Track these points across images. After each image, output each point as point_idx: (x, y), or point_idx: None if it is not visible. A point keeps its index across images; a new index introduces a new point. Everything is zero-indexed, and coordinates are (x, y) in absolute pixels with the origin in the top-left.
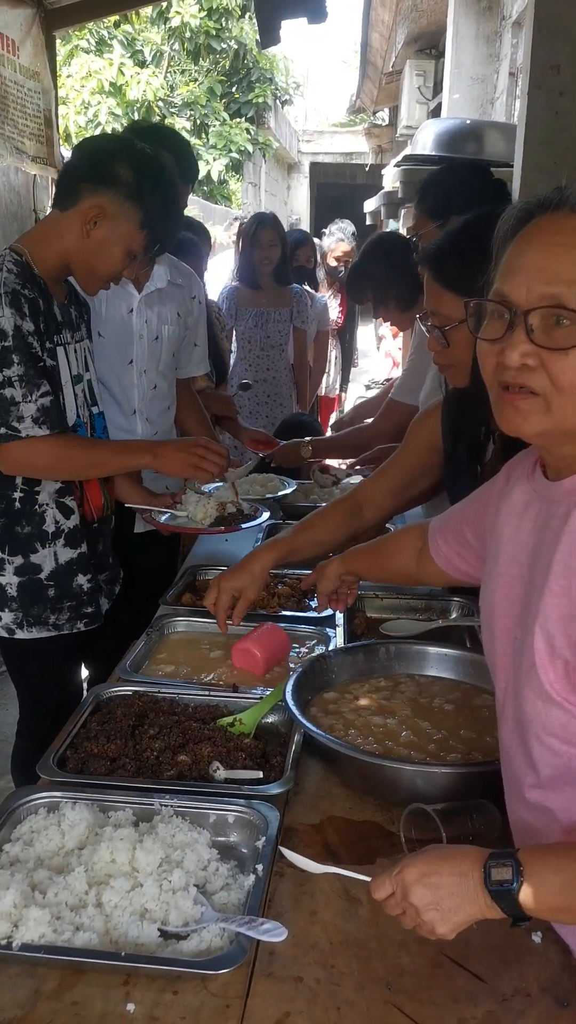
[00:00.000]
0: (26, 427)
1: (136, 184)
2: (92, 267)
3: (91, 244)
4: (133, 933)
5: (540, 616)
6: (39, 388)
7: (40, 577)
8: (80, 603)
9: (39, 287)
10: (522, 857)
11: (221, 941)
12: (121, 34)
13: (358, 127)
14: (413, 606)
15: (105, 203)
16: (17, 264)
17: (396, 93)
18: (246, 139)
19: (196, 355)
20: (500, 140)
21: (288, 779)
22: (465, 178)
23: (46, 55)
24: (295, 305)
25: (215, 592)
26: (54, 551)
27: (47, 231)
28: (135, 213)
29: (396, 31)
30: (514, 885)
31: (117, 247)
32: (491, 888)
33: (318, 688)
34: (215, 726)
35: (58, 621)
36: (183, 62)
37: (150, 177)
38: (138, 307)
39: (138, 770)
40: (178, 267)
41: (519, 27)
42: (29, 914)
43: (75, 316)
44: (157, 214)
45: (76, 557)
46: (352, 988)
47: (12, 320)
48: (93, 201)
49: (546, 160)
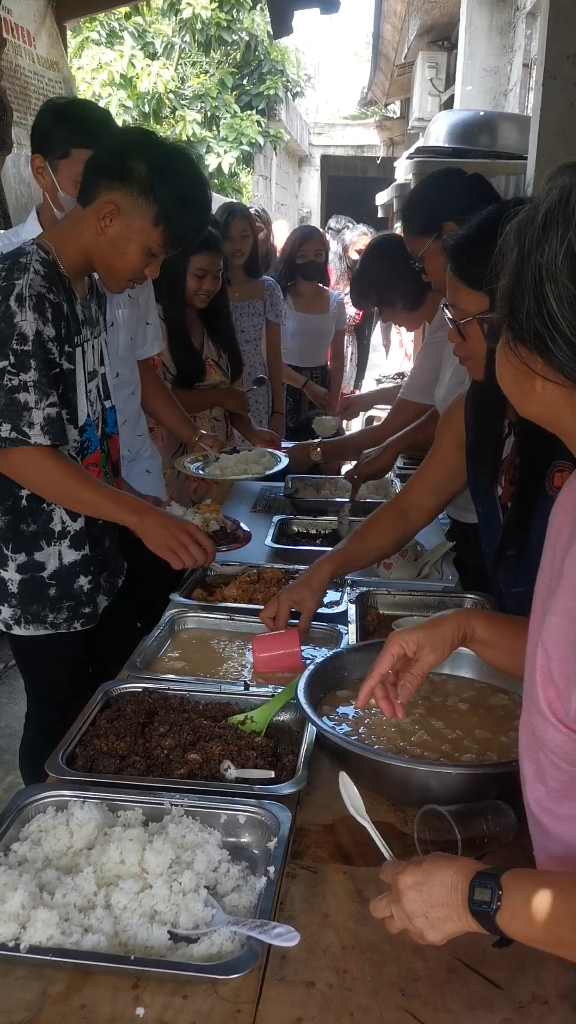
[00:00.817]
0: (35, 434)
1: (150, 180)
2: (109, 264)
3: (106, 241)
4: (142, 935)
5: (544, 632)
6: (48, 397)
7: (42, 575)
8: (79, 603)
9: (64, 287)
10: (505, 880)
11: (232, 945)
12: (132, 26)
13: (369, 120)
14: (426, 603)
15: (118, 199)
16: (44, 264)
17: (408, 85)
18: (257, 131)
19: (150, 334)
20: (514, 132)
21: (300, 779)
22: (442, 184)
23: (62, 45)
24: (268, 298)
25: (275, 606)
26: (58, 551)
27: (69, 226)
28: (148, 209)
29: (408, 22)
30: (492, 907)
31: (132, 244)
32: (472, 907)
33: (331, 686)
34: (226, 724)
35: (56, 620)
36: (194, 54)
37: (165, 172)
38: None
39: (148, 768)
40: None
41: (533, 18)
42: (37, 915)
43: (95, 311)
44: (172, 210)
45: (79, 559)
46: (365, 993)
47: (35, 325)
48: (107, 197)
49: (561, 151)
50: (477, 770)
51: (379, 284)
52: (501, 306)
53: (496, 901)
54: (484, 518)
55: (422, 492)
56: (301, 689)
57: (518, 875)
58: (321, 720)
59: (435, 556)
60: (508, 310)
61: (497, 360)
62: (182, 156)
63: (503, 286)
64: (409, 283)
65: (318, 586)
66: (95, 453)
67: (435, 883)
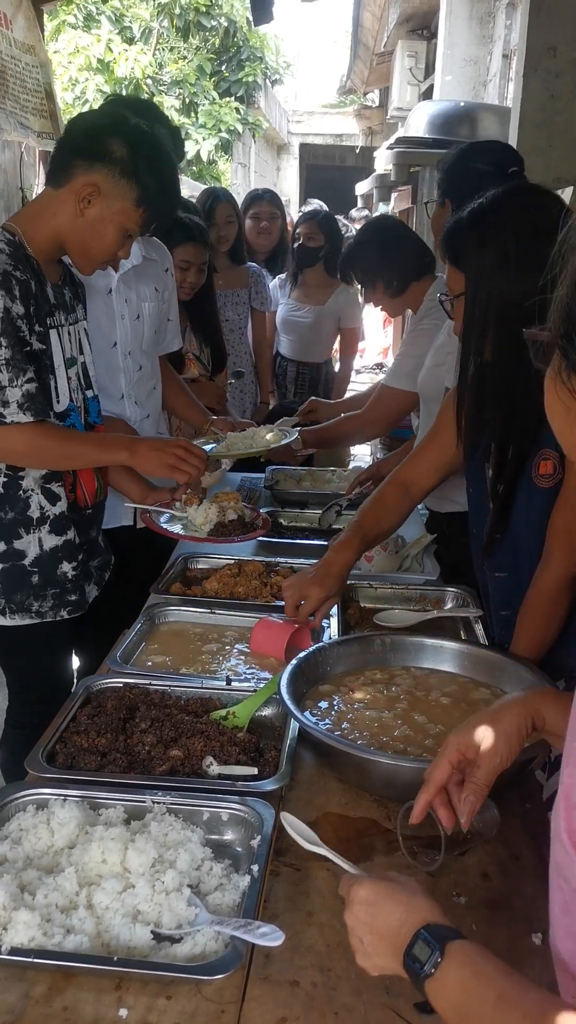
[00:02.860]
0: (11, 412)
1: (131, 161)
2: (86, 246)
3: (85, 223)
4: (125, 936)
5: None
6: (25, 373)
7: (24, 563)
8: (64, 591)
9: (32, 268)
10: (450, 949)
11: (216, 944)
12: (109, 9)
13: (348, 108)
14: (408, 596)
15: (99, 180)
16: (10, 244)
17: (387, 74)
18: (236, 119)
19: (171, 330)
20: (494, 122)
21: (283, 775)
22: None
23: (39, 29)
24: (253, 286)
25: (297, 597)
26: (39, 537)
27: (40, 209)
28: (131, 191)
29: (388, 11)
30: (425, 971)
31: (112, 226)
32: (405, 960)
33: (313, 680)
34: (208, 719)
35: (41, 608)
36: (172, 39)
37: (146, 153)
38: (117, 287)
39: (129, 765)
40: (149, 241)
41: (513, 8)
42: (18, 916)
43: (70, 297)
44: (154, 191)
45: (61, 544)
46: (350, 992)
47: (2, 302)
48: (87, 179)
49: (542, 142)
50: None
51: (364, 265)
52: (557, 324)
53: (432, 967)
54: (474, 499)
55: (425, 471)
56: (283, 684)
57: (466, 952)
58: (304, 715)
59: (416, 549)
60: (564, 330)
61: (546, 389)
62: (157, 138)
63: (560, 298)
64: (393, 271)
65: (340, 573)
66: None
67: (383, 912)
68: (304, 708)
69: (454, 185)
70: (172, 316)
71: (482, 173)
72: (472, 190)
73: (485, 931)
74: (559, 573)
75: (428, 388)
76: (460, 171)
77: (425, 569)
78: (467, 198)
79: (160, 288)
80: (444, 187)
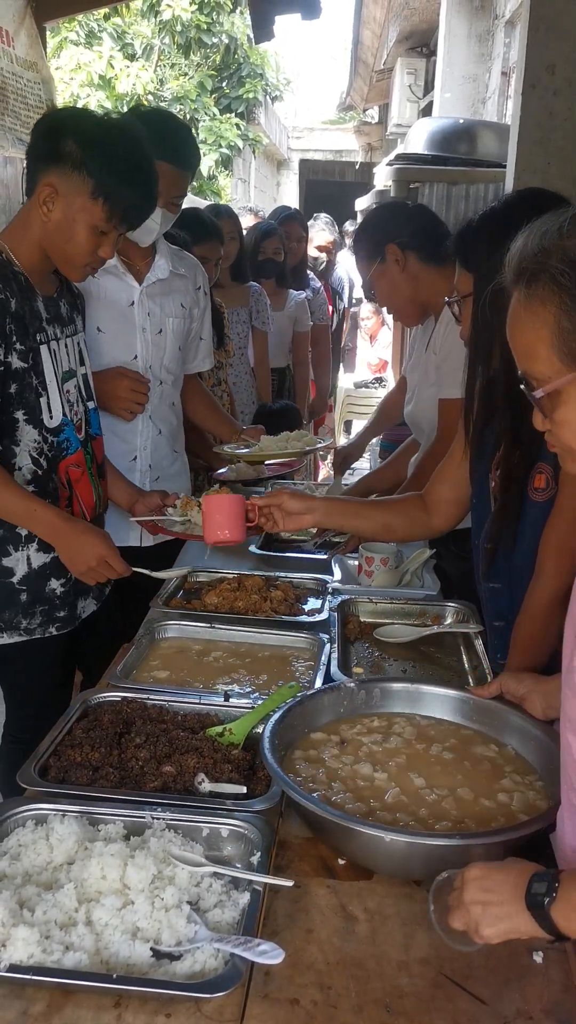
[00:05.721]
0: None
1: (80, 154)
2: (61, 251)
3: (53, 227)
4: (124, 953)
5: None
6: None
7: (12, 581)
8: (53, 607)
9: (18, 284)
10: (563, 876)
11: (215, 962)
12: (111, 26)
13: (348, 124)
14: (408, 611)
15: (55, 180)
16: None
17: (387, 91)
18: (236, 135)
19: (202, 349)
20: (493, 140)
21: (272, 795)
22: (385, 215)
23: (41, 46)
24: (254, 304)
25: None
26: (26, 555)
27: (20, 223)
28: (84, 184)
29: (388, 29)
30: (546, 899)
31: (78, 224)
32: (527, 899)
33: (304, 727)
34: (204, 736)
35: (30, 626)
36: (173, 56)
37: (97, 144)
38: (139, 299)
39: (121, 780)
40: (180, 256)
41: (512, 26)
42: (17, 933)
43: (66, 309)
44: (110, 181)
45: (49, 561)
46: (350, 1010)
47: None
48: (45, 181)
49: (540, 161)
50: (452, 841)
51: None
52: None
53: (552, 892)
54: (476, 509)
55: (448, 488)
56: (266, 739)
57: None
58: (288, 778)
59: (416, 564)
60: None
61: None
62: (116, 128)
63: None
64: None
65: (303, 499)
66: (77, 454)
67: (497, 879)
68: (292, 759)
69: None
70: (204, 335)
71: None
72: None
73: (486, 950)
74: (551, 589)
75: (419, 418)
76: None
77: (425, 584)
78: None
79: (187, 304)
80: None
